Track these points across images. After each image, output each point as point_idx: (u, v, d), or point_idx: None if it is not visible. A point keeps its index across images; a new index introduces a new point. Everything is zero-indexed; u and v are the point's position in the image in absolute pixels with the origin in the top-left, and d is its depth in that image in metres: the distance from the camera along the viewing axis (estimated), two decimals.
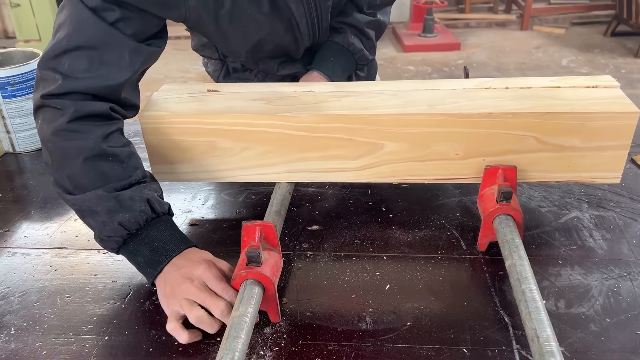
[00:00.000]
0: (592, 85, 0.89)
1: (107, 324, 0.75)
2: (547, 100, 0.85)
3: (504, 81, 0.92)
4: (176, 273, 0.75)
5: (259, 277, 0.71)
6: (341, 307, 0.77)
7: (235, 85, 0.98)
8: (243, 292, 0.69)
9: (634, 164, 1.08)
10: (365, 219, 0.95)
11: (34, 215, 1.00)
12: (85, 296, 0.80)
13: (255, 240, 0.74)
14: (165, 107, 0.89)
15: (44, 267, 0.86)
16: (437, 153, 0.86)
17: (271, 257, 0.74)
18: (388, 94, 0.90)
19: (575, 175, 0.87)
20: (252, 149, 0.88)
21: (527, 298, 0.66)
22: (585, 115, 0.81)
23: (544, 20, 5.37)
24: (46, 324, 0.76)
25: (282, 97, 0.91)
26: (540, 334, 0.61)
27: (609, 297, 0.76)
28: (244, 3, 0.92)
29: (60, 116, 0.77)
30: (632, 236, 0.88)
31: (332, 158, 0.88)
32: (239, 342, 0.62)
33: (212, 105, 0.89)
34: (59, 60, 0.78)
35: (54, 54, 0.79)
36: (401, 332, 0.72)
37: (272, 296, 0.72)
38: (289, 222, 0.94)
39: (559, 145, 0.84)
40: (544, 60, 4.53)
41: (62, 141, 0.77)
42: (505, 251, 0.75)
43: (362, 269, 0.83)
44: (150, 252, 0.76)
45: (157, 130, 0.88)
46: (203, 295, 0.72)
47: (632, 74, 4.20)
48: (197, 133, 0.88)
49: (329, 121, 0.85)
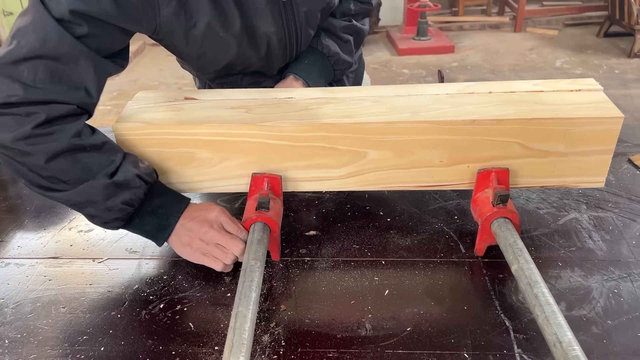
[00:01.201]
0: (575, 89, 0.89)
1: (103, 334, 0.74)
2: (531, 106, 0.84)
3: (487, 85, 0.91)
4: (190, 223, 0.83)
5: (266, 220, 0.82)
6: (340, 313, 0.76)
7: (213, 92, 0.95)
8: (253, 233, 0.80)
9: (632, 164, 1.08)
10: (363, 223, 0.94)
11: (28, 225, 0.99)
12: (81, 306, 0.79)
13: (264, 189, 0.86)
14: (140, 118, 0.87)
15: (38, 278, 0.85)
16: (421, 160, 0.85)
17: (276, 204, 0.85)
18: (371, 100, 0.89)
19: (561, 180, 0.87)
20: (233, 159, 0.87)
21: (542, 302, 0.65)
22: (569, 121, 0.81)
23: (537, 21, 5.39)
24: (41, 336, 0.74)
25: (262, 105, 0.89)
26: (562, 338, 0.60)
27: (609, 299, 0.76)
28: (217, 26, 0.89)
29: (26, 123, 0.73)
30: (632, 237, 0.88)
31: (315, 167, 0.87)
32: (255, 276, 0.72)
33: (190, 115, 0.87)
34: (17, 68, 0.73)
35: (10, 59, 0.73)
36: (401, 337, 0.71)
37: (276, 237, 0.84)
38: (287, 228, 0.93)
39: (543, 151, 0.84)
40: (538, 61, 4.54)
41: (31, 146, 0.74)
42: (510, 255, 0.75)
43: (361, 274, 0.82)
44: (157, 219, 0.83)
45: (132, 142, 0.86)
46: (224, 238, 0.82)
47: (625, 74, 4.22)
48: (174, 144, 0.86)
49: (311, 130, 0.83)
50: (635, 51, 4.49)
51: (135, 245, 0.91)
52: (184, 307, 0.78)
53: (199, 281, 0.83)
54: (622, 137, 1.17)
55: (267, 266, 0.85)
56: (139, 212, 0.82)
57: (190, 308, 0.78)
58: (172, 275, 0.84)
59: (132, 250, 0.90)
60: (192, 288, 0.81)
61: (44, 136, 0.74)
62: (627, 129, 1.22)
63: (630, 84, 4.03)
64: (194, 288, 0.81)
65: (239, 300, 0.68)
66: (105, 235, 0.94)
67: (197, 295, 0.80)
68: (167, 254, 0.89)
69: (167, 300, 0.79)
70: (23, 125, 0.73)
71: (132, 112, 0.89)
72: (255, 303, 0.69)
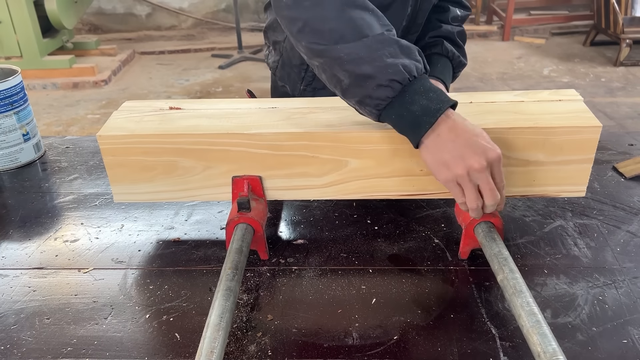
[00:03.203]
0: (556, 99, 0.90)
1: (88, 346, 0.73)
2: (511, 115, 0.85)
3: (469, 96, 0.92)
4: (462, 144, 0.73)
5: (248, 220, 0.83)
6: (327, 322, 0.75)
7: (198, 101, 0.96)
8: (232, 241, 0.80)
9: (616, 172, 1.09)
10: (350, 232, 0.94)
11: (13, 235, 0.98)
12: (65, 317, 0.78)
13: (244, 191, 0.86)
14: (124, 127, 0.87)
15: (22, 289, 0.84)
16: (402, 169, 0.86)
17: (258, 204, 0.86)
18: (353, 110, 0.89)
19: (541, 190, 0.87)
20: (215, 168, 0.87)
21: (526, 312, 0.65)
22: (549, 130, 0.82)
23: (525, 30, 5.45)
24: (24, 347, 0.74)
25: (245, 114, 0.89)
26: (546, 349, 0.60)
27: (594, 306, 0.76)
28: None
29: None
30: (616, 244, 0.88)
31: (297, 176, 0.87)
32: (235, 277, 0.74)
33: (173, 124, 0.87)
34: None
35: None
36: (388, 346, 0.71)
37: (261, 237, 0.85)
38: (274, 237, 0.93)
39: (523, 160, 0.84)
40: (526, 70, 4.59)
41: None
42: (495, 265, 0.75)
43: (348, 282, 0.82)
44: (427, 101, 0.74)
45: (117, 150, 0.86)
46: (490, 187, 0.74)
47: (612, 82, 4.27)
48: (157, 152, 0.86)
49: (292, 139, 0.84)
50: (621, 59, 4.55)
51: (122, 255, 0.90)
52: (170, 318, 0.77)
53: (185, 291, 0.82)
54: (607, 145, 1.19)
55: (254, 275, 0.85)
56: (410, 88, 0.75)
57: (177, 318, 0.77)
58: (158, 285, 0.84)
59: (118, 260, 0.90)
60: (178, 298, 0.81)
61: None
62: (612, 137, 1.23)
63: (616, 92, 4.08)
64: (180, 298, 0.81)
65: (212, 309, 0.68)
66: (91, 245, 0.93)
67: (183, 306, 0.79)
68: (154, 263, 0.88)
69: (153, 310, 0.79)
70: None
71: (117, 122, 0.89)
72: (230, 311, 0.68)
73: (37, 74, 4.49)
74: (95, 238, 0.95)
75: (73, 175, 1.16)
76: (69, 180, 1.15)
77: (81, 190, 1.11)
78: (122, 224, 0.99)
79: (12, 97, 1.17)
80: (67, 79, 4.52)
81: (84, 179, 1.15)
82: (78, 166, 1.20)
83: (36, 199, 1.08)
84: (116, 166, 0.88)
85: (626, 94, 4.04)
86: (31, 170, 1.20)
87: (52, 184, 1.14)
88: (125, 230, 0.97)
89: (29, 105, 1.23)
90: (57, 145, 1.30)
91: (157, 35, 5.81)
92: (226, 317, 0.67)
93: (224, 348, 0.65)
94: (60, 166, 1.21)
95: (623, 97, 3.99)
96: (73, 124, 3.87)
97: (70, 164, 1.21)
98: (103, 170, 1.17)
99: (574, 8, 5.65)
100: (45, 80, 4.51)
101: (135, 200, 0.92)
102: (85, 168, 1.19)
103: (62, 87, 4.50)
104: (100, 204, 1.06)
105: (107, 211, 1.03)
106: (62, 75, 4.55)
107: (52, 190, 1.11)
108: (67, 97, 4.36)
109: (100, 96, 4.35)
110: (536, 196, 0.89)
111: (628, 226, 0.93)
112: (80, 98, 4.32)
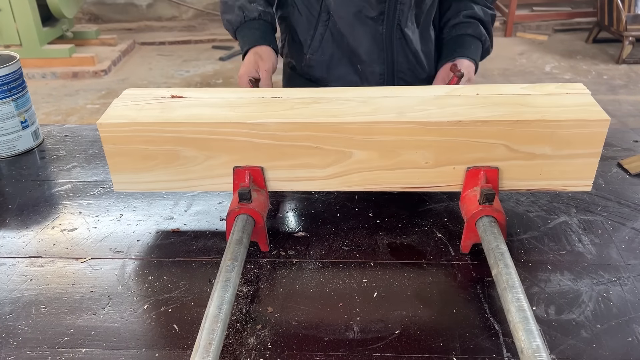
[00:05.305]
0: (563, 93, 0.88)
1: (84, 336, 0.72)
2: (518, 108, 0.84)
3: (475, 88, 0.91)
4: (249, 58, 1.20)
5: (249, 211, 0.81)
6: (328, 315, 0.74)
7: (200, 90, 0.94)
8: (233, 232, 0.79)
9: (621, 168, 1.08)
10: (352, 225, 0.93)
11: (10, 223, 0.96)
12: (62, 307, 0.77)
13: (245, 182, 0.84)
14: (126, 115, 0.85)
15: (18, 277, 0.83)
16: (407, 161, 0.84)
17: (259, 195, 0.85)
18: (357, 101, 0.88)
19: (547, 184, 0.86)
20: (217, 158, 0.86)
21: (515, 307, 0.65)
22: (556, 123, 0.80)
23: (527, 26, 5.43)
24: (20, 337, 0.72)
25: (248, 104, 0.88)
26: (530, 344, 0.60)
27: (599, 303, 0.75)
28: None
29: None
30: (621, 241, 0.87)
31: (300, 167, 0.86)
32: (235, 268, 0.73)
33: (175, 113, 0.85)
34: None
35: None
36: (389, 341, 0.70)
37: (262, 228, 0.83)
38: (275, 228, 0.92)
39: (529, 153, 0.83)
40: (528, 66, 4.57)
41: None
42: (491, 260, 0.74)
43: (349, 276, 0.81)
44: None
45: (117, 138, 0.84)
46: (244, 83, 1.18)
47: (614, 80, 4.26)
48: (159, 141, 0.84)
49: (296, 129, 0.82)
50: (623, 57, 4.54)
51: (120, 245, 0.89)
52: (169, 309, 0.76)
53: (184, 282, 0.81)
54: (611, 141, 1.18)
55: (254, 267, 0.84)
56: (241, 30, 1.23)
57: (175, 309, 0.76)
58: (156, 275, 0.83)
59: (116, 250, 0.88)
60: (177, 289, 0.80)
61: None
62: (617, 133, 1.22)
63: (619, 90, 4.06)
64: (179, 289, 0.80)
65: (211, 301, 0.67)
66: (89, 235, 0.92)
67: (182, 297, 0.78)
68: (152, 254, 0.87)
69: (152, 301, 0.78)
70: None
71: (118, 110, 0.87)
72: (229, 303, 0.67)
73: (37, 63, 4.47)
74: (93, 227, 0.94)
75: (72, 164, 1.15)
76: (67, 169, 1.13)
77: (80, 179, 1.09)
78: (121, 214, 0.98)
79: (10, 84, 1.16)
80: (67, 69, 4.50)
81: (82, 168, 1.13)
82: (77, 155, 1.19)
83: (34, 187, 1.07)
84: (116, 155, 0.86)
85: (628, 91, 4.03)
86: (29, 158, 1.19)
87: (50, 172, 1.12)
88: (124, 220, 0.96)
89: (27, 93, 1.21)
90: (56, 134, 1.29)
91: (158, 25, 5.78)
92: (225, 308, 0.66)
93: (222, 340, 0.64)
94: (59, 154, 1.19)
95: (625, 94, 3.97)
96: (72, 113, 3.85)
97: (68, 153, 1.20)
98: (102, 159, 1.16)
99: (577, 5, 5.62)
100: (45, 69, 4.48)
101: (135, 189, 0.91)
102: (84, 157, 1.17)
103: (62, 76, 4.48)
104: (98, 193, 1.04)
105: (106, 200, 1.02)
106: (62, 65, 4.53)
107: (50, 179, 1.10)
108: (66, 86, 4.33)
109: (99, 86, 4.33)
110: (542, 190, 0.87)
111: (633, 223, 0.92)
112: (79, 88, 4.29)
